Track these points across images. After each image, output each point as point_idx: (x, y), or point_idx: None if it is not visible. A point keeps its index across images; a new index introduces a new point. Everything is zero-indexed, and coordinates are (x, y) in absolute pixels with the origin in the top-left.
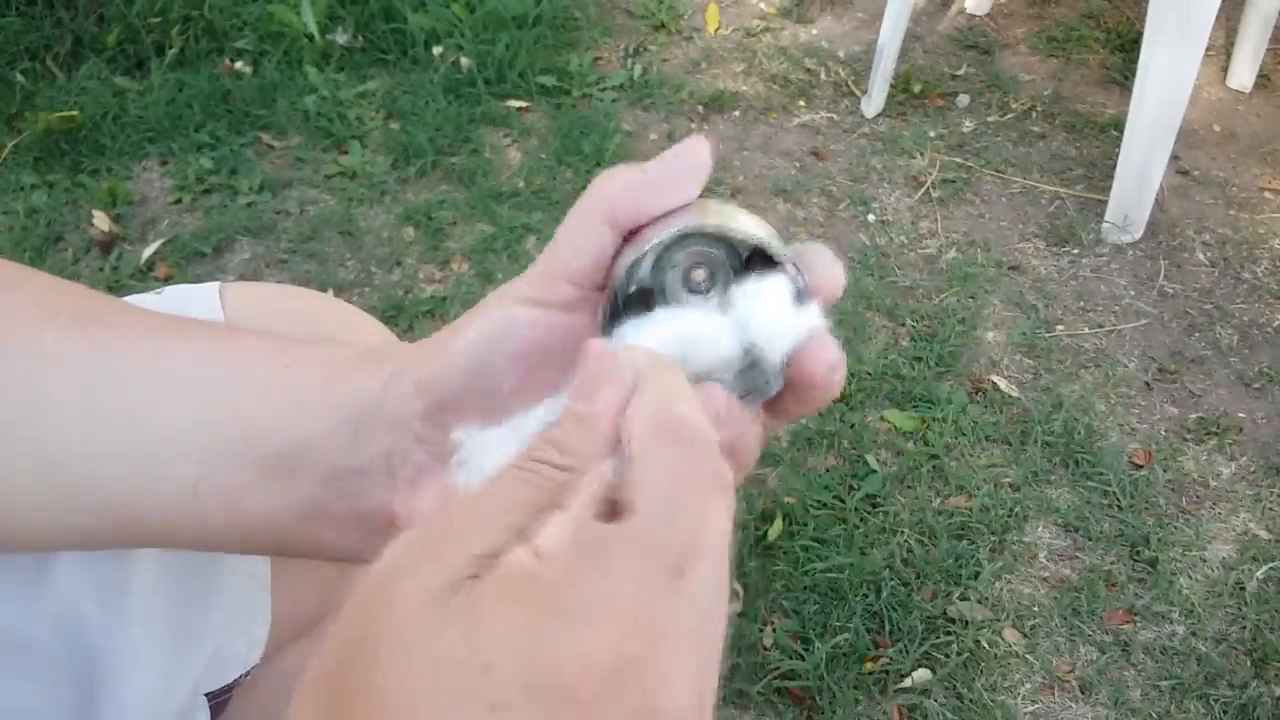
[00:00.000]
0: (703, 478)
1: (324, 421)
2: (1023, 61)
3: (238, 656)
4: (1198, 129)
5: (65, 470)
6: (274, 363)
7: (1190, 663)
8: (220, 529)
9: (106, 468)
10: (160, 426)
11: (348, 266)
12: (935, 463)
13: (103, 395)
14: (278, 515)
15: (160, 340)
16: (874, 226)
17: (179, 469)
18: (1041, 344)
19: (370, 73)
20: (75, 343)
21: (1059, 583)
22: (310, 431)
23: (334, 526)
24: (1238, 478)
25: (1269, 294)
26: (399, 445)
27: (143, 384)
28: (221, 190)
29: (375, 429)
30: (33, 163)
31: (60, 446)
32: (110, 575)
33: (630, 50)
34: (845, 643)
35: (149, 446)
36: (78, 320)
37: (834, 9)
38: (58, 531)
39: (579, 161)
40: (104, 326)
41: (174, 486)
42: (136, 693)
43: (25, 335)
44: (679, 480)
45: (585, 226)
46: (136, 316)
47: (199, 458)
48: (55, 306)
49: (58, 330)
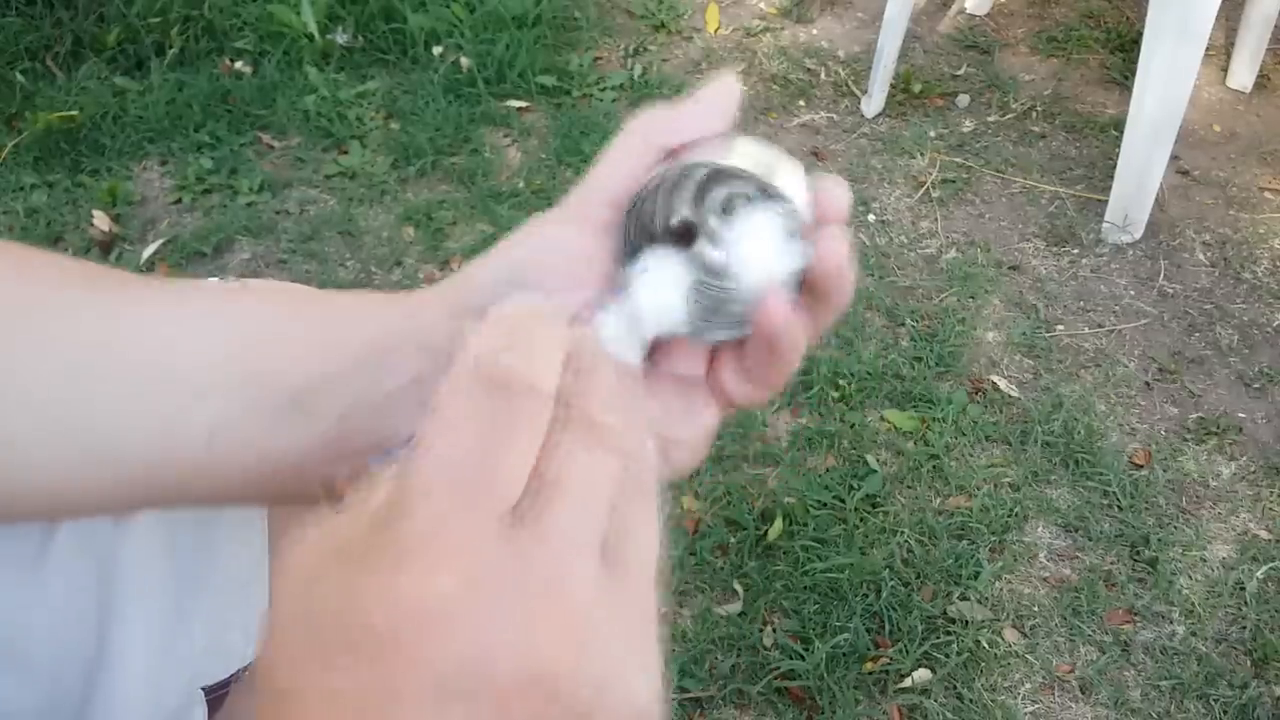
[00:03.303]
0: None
1: (346, 354)
2: (1023, 61)
3: (234, 649)
4: (1198, 129)
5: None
6: (290, 307)
7: (1190, 663)
8: (237, 474)
9: (123, 418)
10: (177, 372)
11: (348, 266)
12: (935, 463)
13: (119, 346)
14: (296, 455)
15: (174, 294)
16: (874, 226)
17: (195, 413)
18: (1041, 344)
19: (370, 73)
20: (90, 297)
21: (1059, 583)
22: (332, 366)
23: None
24: (1237, 478)
25: (1269, 294)
26: (429, 370)
27: (159, 333)
28: (221, 190)
29: (404, 355)
30: (33, 162)
31: (75, 399)
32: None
33: (630, 50)
34: (845, 643)
35: (165, 393)
36: (91, 280)
37: (834, 9)
38: (70, 489)
39: (579, 161)
40: (118, 285)
41: (190, 431)
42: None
43: (41, 295)
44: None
45: (624, 148)
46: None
47: (216, 401)
48: (70, 274)
49: (72, 287)
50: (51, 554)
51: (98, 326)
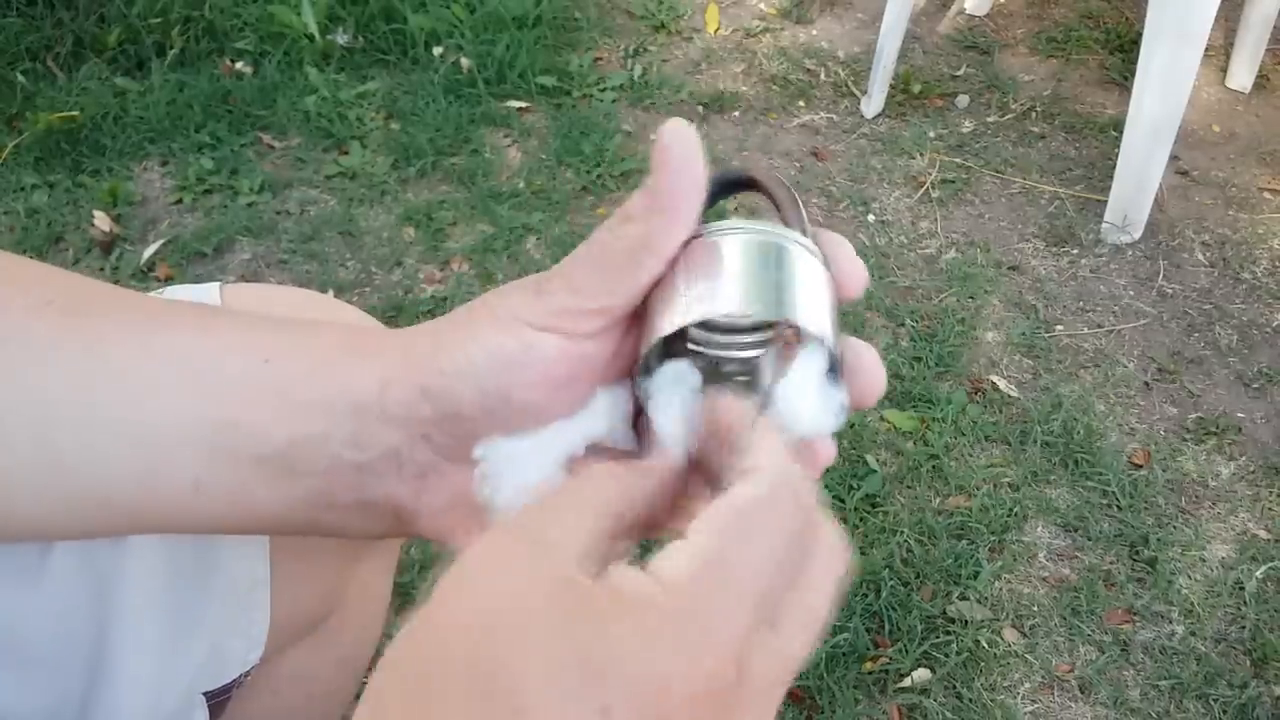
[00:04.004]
0: (806, 547)
1: (318, 421)
2: (1022, 62)
3: (236, 655)
4: (1197, 129)
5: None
6: (254, 356)
7: (1189, 662)
8: (224, 520)
9: (105, 464)
10: (156, 424)
11: (348, 267)
12: (935, 462)
13: (98, 392)
14: (281, 507)
15: (150, 331)
16: (873, 227)
17: (178, 466)
18: (1041, 344)
19: (371, 73)
20: (68, 335)
21: (1058, 582)
22: (306, 431)
23: (340, 514)
24: (1237, 478)
25: (1268, 294)
26: (404, 444)
27: (135, 379)
28: (222, 190)
29: (377, 429)
30: (33, 163)
31: (58, 443)
32: (106, 571)
33: (630, 51)
34: (845, 642)
35: (146, 444)
36: (70, 310)
37: (834, 10)
38: (57, 522)
39: (579, 162)
40: (98, 316)
41: (175, 483)
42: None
43: (18, 326)
44: (789, 540)
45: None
46: (129, 303)
47: (196, 456)
48: (47, 295)
49: (50, 321)
50: (52, 560)
51: (73, 370)
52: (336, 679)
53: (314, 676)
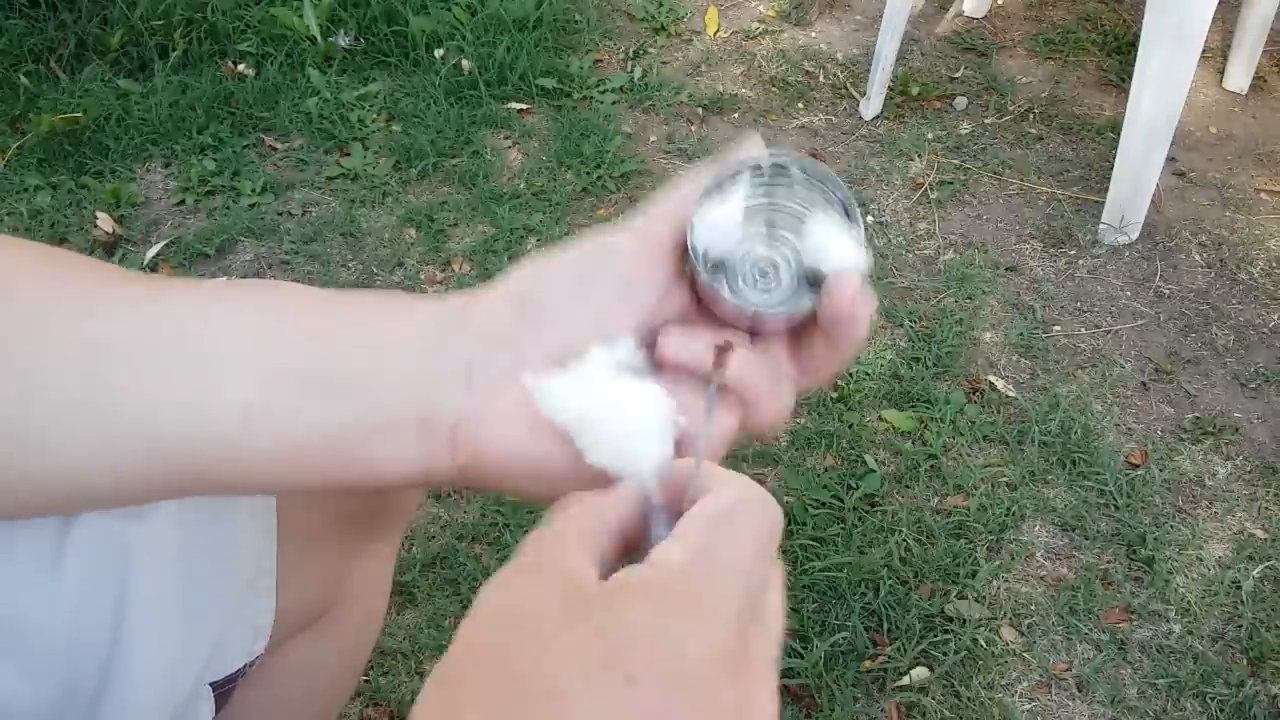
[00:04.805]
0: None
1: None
2: (1020, 64)
3: (242, 645)
4: (1194, 131)
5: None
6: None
7: (1187, 661)
8: (268, 454)
9: (153, 397)
10: (209, 353)
11: (350, 268)
12: (933, 462)
13: (150, 331)
14: (332, 433)
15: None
16: (872, 228)
17: (233, 392)
18: (1038, 344)
19: (372, 75)
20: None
21: (1056, 581)
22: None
23: (394, 439)
24: (1234, 477)
25: (1265, 295)
26: (484, 351)
27: (191, 318)
28: (224, 192)
29: (459, 335)
30: (37, 164)
31: (109, 380)
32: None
33: (630, 53)
34: (843, 641)
35: (197, 372)
36: (118, 275)
37: (832, 12)
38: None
39: (579, 163)
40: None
41: (225, 412)
42: (145, 680)
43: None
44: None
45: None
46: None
47: (257, 379)
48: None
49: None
50: (68, 550)
51: (127, 315)
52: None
53: (315, 668)
